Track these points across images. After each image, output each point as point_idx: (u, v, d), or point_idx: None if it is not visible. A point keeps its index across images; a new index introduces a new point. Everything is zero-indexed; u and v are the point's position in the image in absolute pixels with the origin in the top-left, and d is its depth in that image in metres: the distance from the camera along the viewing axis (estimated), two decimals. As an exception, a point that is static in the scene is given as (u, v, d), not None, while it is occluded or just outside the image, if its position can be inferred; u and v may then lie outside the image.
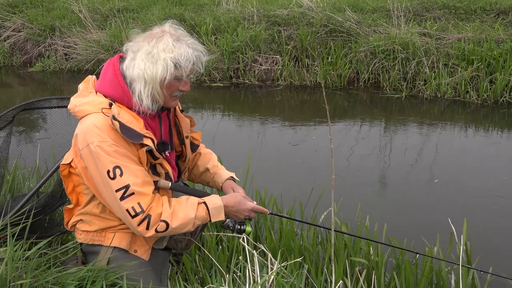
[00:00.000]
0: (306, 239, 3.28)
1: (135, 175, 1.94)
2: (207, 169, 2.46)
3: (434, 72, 8.14)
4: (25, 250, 2.13)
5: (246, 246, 2.20)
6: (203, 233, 3.05)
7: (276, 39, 9.30)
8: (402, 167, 5.56)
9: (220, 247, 3.16)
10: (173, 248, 2.32)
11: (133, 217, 1.94)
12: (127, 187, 1.92)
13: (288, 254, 3.07)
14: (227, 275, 2.09)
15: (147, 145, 1.97)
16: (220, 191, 2.44)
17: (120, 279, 2.06)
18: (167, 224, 1.97)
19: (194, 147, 2.44)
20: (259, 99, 8.66)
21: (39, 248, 2.18)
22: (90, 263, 2.14)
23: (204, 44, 9.31)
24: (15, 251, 2.05)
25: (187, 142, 2.33)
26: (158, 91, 1.97)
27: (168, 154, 2.18)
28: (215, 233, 3.15)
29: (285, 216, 2.63)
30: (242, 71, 9.24)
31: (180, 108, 2.34)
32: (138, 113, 2.02)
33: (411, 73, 8.30)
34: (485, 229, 4.16)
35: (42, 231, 2.62)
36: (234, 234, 2.27)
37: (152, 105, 2.00)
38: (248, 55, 9.16)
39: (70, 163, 2.08)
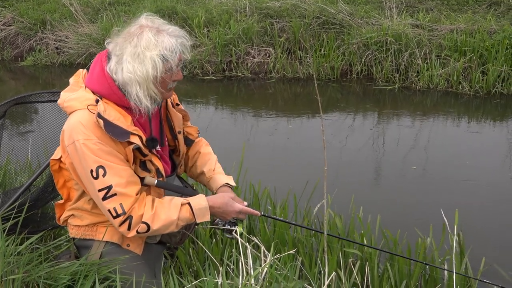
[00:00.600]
0: (300, 232, 3.29)
1: (119, 175, 1.92)
2: (203, 172, 2.41)
3: (427, 63, 8.15)
4: (17, 245, 2.11)
5: (239, 239, 2.20)
6: (197, 227, 3.04)
7: (268, 31, 9.27)
8: (395, 159, 5.57)
9: (214, 240, 3.16)
10: (167, 242, 2.31)
11: (114, 217, 1.93)
12: (109, 187, 1.90)
13: (281, 246, 3.08)
14: (221, 268, 2.08)
15: (134, 143, 1.95)
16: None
17: (113, 273, 2.05)
18: (148, 226, 1.96)
19: (189, 141, 2.41)
20: (252, 91, 8.65)
21: (31, 243, 2.17)
22: (83, 257, 2.13)
23: (196, 37, 9.30)
24: (7, 246, 2.04)
25: (180, 137, 2.30)
26: (153, 90, 1.94)
27: (159, 150, 2.16)
28: (209, 226, 3.15)
29: (277, 218, 2.62)
30: (235, 64, 9.21)
31: (176, 102, 2.32)
32: (127, 109, 2.00)
33: (404, 65, 8.30)
34: (479, 220, 4.18)
35: (35, 225, 2.61)
36: (225, 234, 2.26)
37: (151, 104, 1.97)
38: (241, 48, 9.13)
39: (60, 158, 2.06)
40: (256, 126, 6.95)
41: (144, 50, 1.89)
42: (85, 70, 2.12)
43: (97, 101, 1.94)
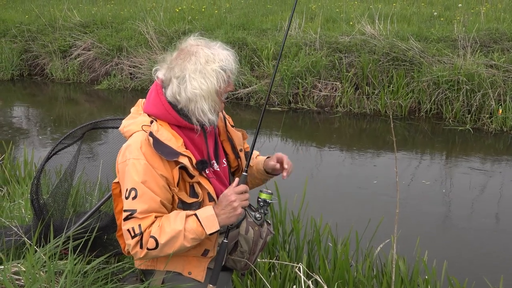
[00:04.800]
0: (361, 271, 3.20)
1: (147, 203, 1.94)
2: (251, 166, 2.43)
3: (501, 105, 7.86)
4: (85, 264, 2.18)
5: (302, 276, 2.16)
6: (259, 260, 3.02)
7: (336, 65, 9.28)
8: (464, 202, 5.35)
9: (273, 273, 3.13)
10: (232, 268, 2.30)
11: (133, 237, 1.94)
12: (133, 211, 1.93)
13: (342, 286, 3.00)
14: (280, 304, 2.05)
15: (181, 163, 1.97)
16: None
17: (175, 300, 2.06)
18: (156, 240, 1.92)
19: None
20: (317, 125, 8.63)
21: (98, 263, 2.22)
22: (147, 281, 2.15)
23: (264, 68, 9.43)
24: (75, 264, 2.10)
25: (242, 155, 2.32)
26: (216, 101, 2.02)
27: (217, 170, 2.17)
28: (268, 260, 3.13)
29: None
30: (301, 96, 9.25)
31: (232, 124, 2.35)
32: (181, 130, 2.05)
33: (476, 106, 8.04)
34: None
35: (101, 249, 2.68)
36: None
37: (215, 117, 2.04)
38: (308, 81, 9.17)
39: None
40: (320, 160, 6.90)
41: (205, 66, 1.98)
42: (144, 99, 2.21)
43: (151, 122, 2.01)
